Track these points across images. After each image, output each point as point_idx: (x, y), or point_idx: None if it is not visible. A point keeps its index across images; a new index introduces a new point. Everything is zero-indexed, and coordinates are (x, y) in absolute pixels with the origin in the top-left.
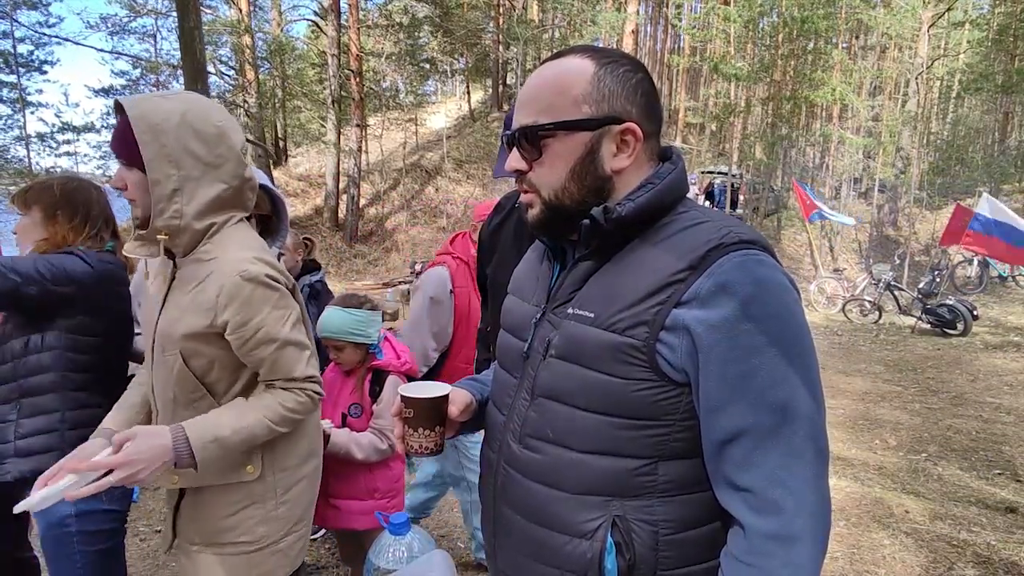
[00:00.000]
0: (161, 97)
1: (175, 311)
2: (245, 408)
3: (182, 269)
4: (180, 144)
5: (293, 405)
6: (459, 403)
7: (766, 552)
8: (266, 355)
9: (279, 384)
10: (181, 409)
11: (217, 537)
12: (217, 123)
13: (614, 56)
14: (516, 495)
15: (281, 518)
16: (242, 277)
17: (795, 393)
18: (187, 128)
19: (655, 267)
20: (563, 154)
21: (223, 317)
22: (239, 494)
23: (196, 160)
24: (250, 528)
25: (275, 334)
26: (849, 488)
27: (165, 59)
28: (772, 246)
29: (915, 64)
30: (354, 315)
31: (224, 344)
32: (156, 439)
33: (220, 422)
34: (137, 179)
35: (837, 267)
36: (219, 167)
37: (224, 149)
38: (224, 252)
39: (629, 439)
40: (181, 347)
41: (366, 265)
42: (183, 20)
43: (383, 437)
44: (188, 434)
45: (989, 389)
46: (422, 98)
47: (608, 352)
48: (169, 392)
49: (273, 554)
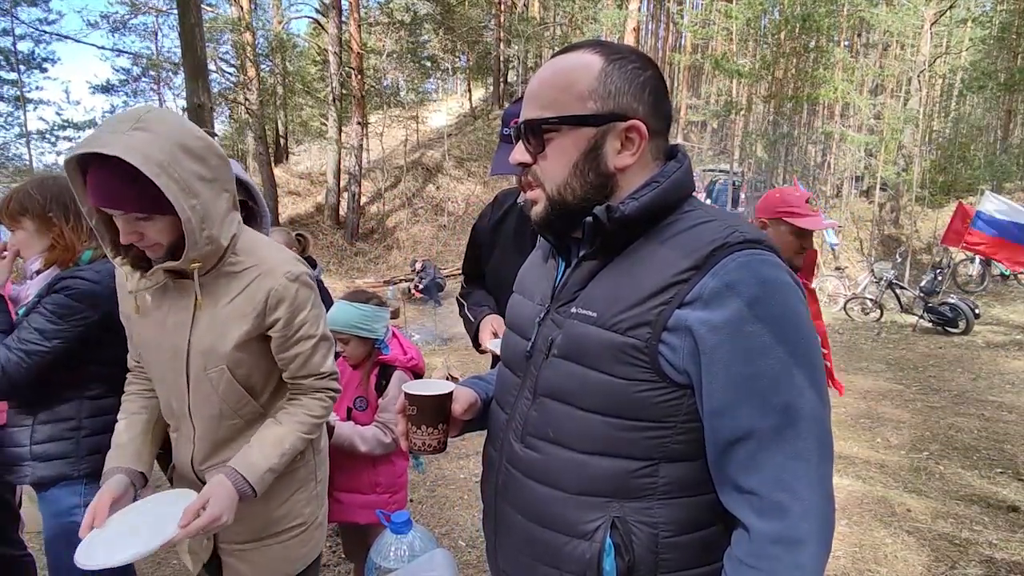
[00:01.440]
0: (136, 129)
1: (215, 327)
2: (283, 433)
3: (208, 286)
4: (188, 172)
5: (319, 411)
6: (463, 401)
7: (771, 555)
8: (304, 351)
9: (307, 382)
10: (227, 420)
11: (271, 528)
12: (199, 135)
13: (623, 52)
14: (517, 494)
15: (320, 495)
16: (288, 278)
17: (800, 395)
18: (184, 152)
19: (659, 266)
20: (566, 149)
21: (272, 317)
22: (290, 483)
23: (203, 181)
24: (299, 511)
25: (314, 331)
26: (851, 487)
27: (166, 56)
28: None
29: (917, 62)
30: (361, 309)
31: (264, 347)
32: (224, 496)
33: (266, 452)
34: (158, 224)
35: (839, 265)
36: (218, 179)
37: (215, 159)
38: (260, 258)
39: (630, 440)
40: (228, 360)
41: (367, 263)
42: (184, 17)
43: (387, 431)
44: (246, 476)
45: (991, 388)
46: (423, 96)
47: (610, 352)
48: (214, 408)
49: (317, 528)
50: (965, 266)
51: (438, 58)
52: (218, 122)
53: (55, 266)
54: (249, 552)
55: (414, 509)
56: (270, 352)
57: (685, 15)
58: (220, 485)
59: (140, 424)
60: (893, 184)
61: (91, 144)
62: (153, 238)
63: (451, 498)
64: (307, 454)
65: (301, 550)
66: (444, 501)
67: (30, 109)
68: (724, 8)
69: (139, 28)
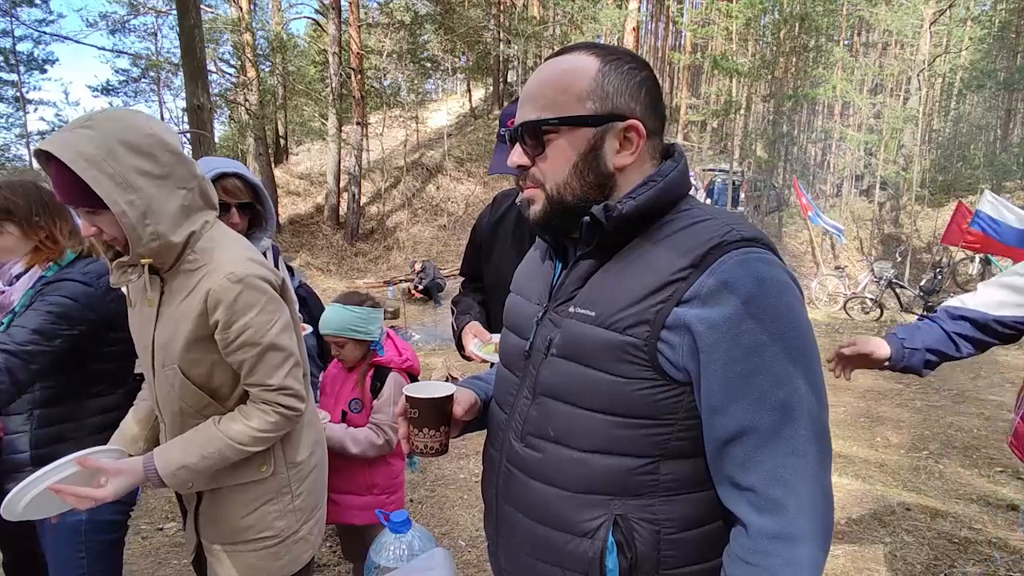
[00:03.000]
0: (82, 127)
1: (170, 324)
2: (214, 435)
3: (170, 283)
4: (125, 166)
5: (261, 425)
6: (463, 403)
7: (768, 552)
8: (247, 358)
9: (254, 391)
10: (189, 419)
11: (237, 536)
12: (149, 132)
13: (618, 53)
14: (518, 494)
15: (299, 509)
16: (229, 280)
17: (797, 392)
18: (125, 148)
19: (656, 265)
20: (566, 150)
21: (213, 318)
22: (254, 493)
23: (148, 177)
24: (269, 524)
25: (259, 338)
26: (850, 485)
27: (165, 57)
28: (775, 244)
29: (917, 61)
30: (354, 312)
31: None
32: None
33: (188, 450)
34: (108, 218)
35: (839, 265)
36: (171, 175)
37: (167, 156)
38: (212, 258)
39: (630, 438)
40: (180, 360)
41: (367, 263)
42: (183, 18)
43: (380, 432)
44: (156, 464)
45: (991, 386)
46: (423, 96)
47: (609, 351)
48: (175, 405)
49: (295, 543)
50: (965, 265)
51: (438, 58)
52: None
53: (36, 267)
54: (223, 554)
55: (414, 509)
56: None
57: (685, 13)
58: (131, 465)
59: (145, 410)
60: (893, 183)
61: (42, 142)
62: (110, 232)
63: (451, 498)
64: (276, 467)
65: (275, 563)
66: (444, 501)
67: (30, 110)
68: (724, 8)
69: (139, 29)
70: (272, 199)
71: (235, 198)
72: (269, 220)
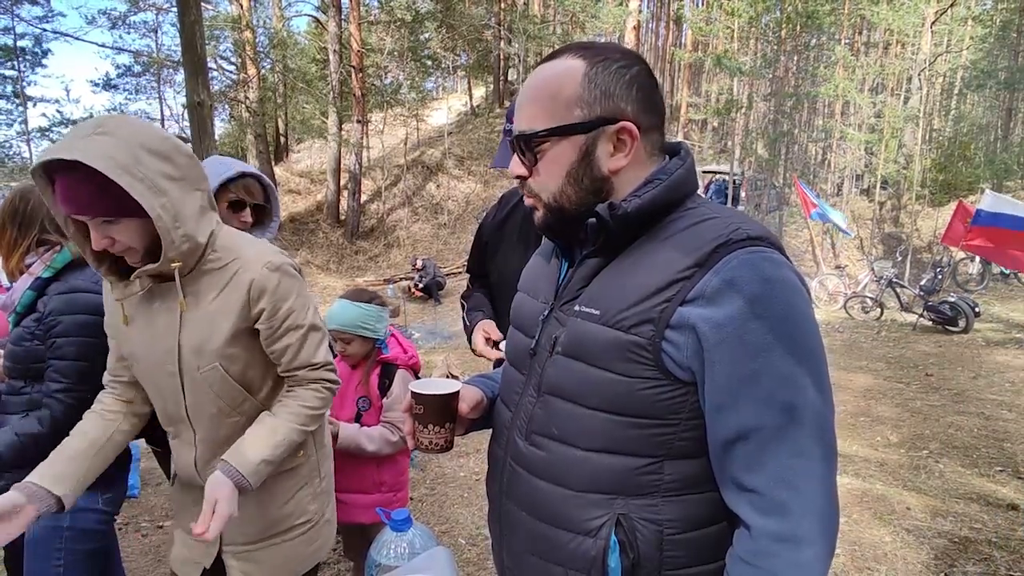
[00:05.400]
0: (98, 134)
1: (202, 325)
2: (277, 423)
3: (191, 286)
4: (153, 171)
5: (315, 403)
6: (469, 400)
7: (772, 553)
8: (292, 341)
9: (301, 373)
10: (227, 418)
11: (276, 527)
12: (164, 136)
13: (606, 52)
14: (522, 492)
15: (326, 491)
16: (268, 268)
17: (803, 393)
18: (147, 153)
19: (661, 264)
20: (559, 159)
21: (257, 308)
22: (294, 479)
23: (171, 180)
24: (305, 508)
25: (302, 320)
26: (851, 485)
27: (166, 54)
28: (782, 243)
29: (918, 60)
30: (364, 309)
31: (255, 342)
32: (228, 493)
33: (258, 444)
34: (128, 227)
35: (839, 264)
36: (187, 177)
37: (183, 158)
38: (240, 252)
39: (634, 437)
40: (220, 357)
41: (367, 261)
42: (184, 15)
43: (395, 429)
44: (240, 469)
45: (991, 386)
46: (424, 94)
47: (614, 350)
48: (212, 407)
49: (324, 525)
50: (965, 265)
51: (439, 56)
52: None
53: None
54: (256, 552)
55: (414, 507)
56: (261, 346)
57: (687, 9)
58: (220, 484)
59: (84, 442)
60: (894, 182)
61: (55, 151)
62: (125, 242)
63: (451, 496)
64: (308, 449)
65: (308, 548)
66: (444, 499)
67: (31, 107)
68: (728, 6)
69: (139, 25)
70: None
71: (252, 198)
72: (274, 219)
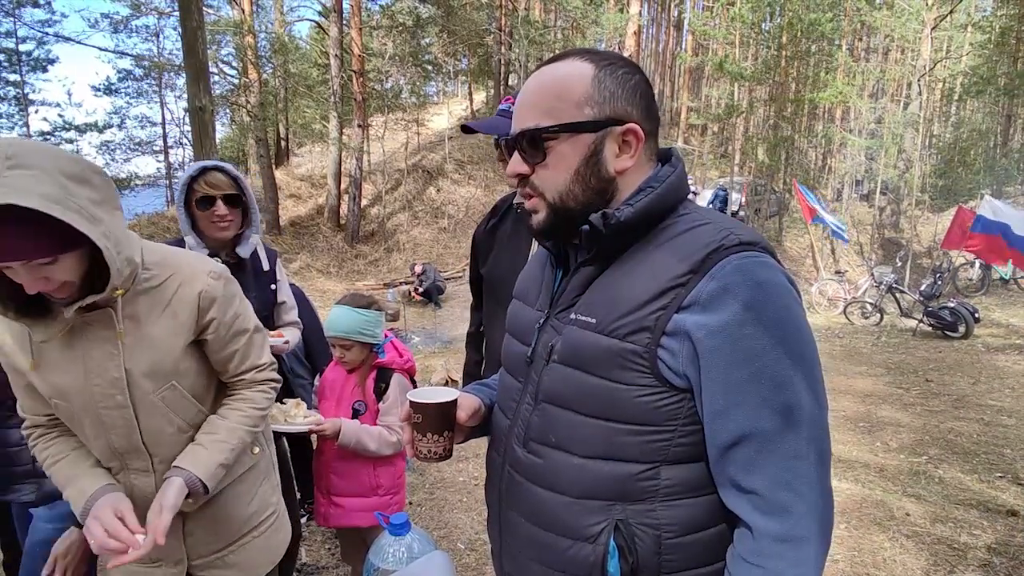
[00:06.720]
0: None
1: (151, 347)
2: (231, 427)
3: (128, 308)
4: (83, 199)
5: (264, 403)
6: (468, 408)
7: (774, 553)
8: (239, 346)
9: (248, 376)
10: (184, 434)
11: (248, 525)
12: (73, 157)
13: (612, 58)
14: (520, 499)
15: (276, 483)
16: (212, 277)
17: (798, 396)
18: (70, 180)
19: (656, 271)
20: (567, 156)
21: (207, 318)
22: (252, 477)
23: (98, 205)
24: (268, 501)
25: (247, 324)
26: (850, 490)
27: (167, 58)
28: (773, 247)
29: (918, 66)
30: (364, 315)
31: (200, 351)
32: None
33: (213, 449)
34: (67, 263)
35: (839, 269)
36: (107, 198)
37: (98, 179)
38: (175, 266)
39: (631, 444)
40: (175, 375)
41: (367, 265)
42: (185, 20)
43: (393, 431)
44: (197, 474)
45: (991, 392)
46: (424, 99)
47: (610, 358)
48: (170, 427)
49: (283, 515)
50: (965, 270)
51: (439, 61)
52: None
53: None
54: (230, 555)
55: (413, 512)
56: (206, 356)
57: (688, 12)
58: (167, 484)
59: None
60: (894, 188)
61: None
62: (60, 279)
63: (450, 501)
64: (262, 444)
65: (278, 537)
66: (443, 504)
67: (32, 112)
68: (730, 11)
69: (141, 30)
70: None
71: (219, 190)
72: (253, 215)
